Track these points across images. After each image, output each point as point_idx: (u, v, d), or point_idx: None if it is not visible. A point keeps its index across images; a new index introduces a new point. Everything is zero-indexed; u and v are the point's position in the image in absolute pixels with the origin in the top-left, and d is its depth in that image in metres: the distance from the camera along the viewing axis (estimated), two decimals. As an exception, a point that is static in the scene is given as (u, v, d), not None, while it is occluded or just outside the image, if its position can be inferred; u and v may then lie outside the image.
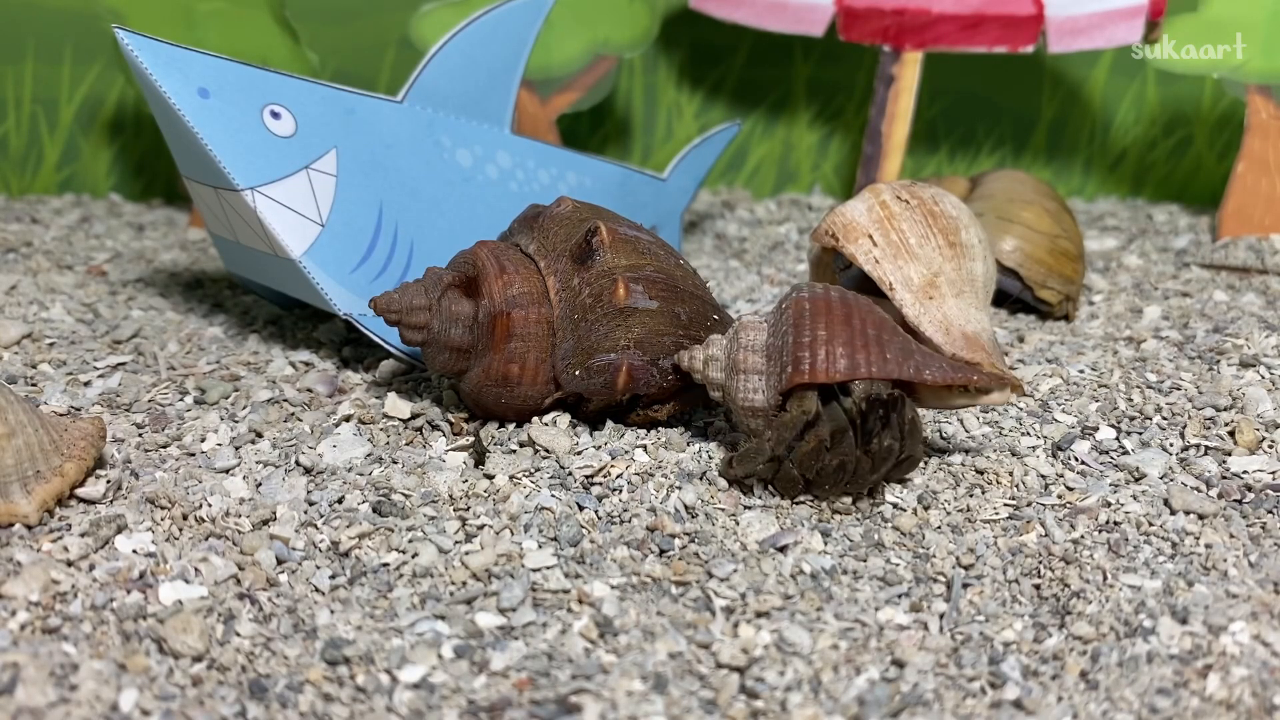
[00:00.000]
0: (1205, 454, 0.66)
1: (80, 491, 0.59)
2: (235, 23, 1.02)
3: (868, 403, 0.58)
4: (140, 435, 0.66)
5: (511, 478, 0.62)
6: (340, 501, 0.60)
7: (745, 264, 1.02)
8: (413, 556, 0.56)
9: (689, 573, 0.55)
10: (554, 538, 0.58)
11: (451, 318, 0.65)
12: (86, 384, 0.72)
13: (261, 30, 1.03)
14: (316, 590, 0.54)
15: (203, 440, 0.66)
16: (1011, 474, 0.64)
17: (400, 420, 0.68)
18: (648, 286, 0.65)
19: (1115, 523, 0.59)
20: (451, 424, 0.68)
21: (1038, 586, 0.56)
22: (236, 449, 0.65)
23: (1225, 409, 0.70)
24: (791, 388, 0.59)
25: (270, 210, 0.71)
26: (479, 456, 0.64)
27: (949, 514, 0.60)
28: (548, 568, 0.55)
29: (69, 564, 0.54)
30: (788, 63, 1.21)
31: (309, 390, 0.72)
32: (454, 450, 0.65)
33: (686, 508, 0.60)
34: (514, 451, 0.65)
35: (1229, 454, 0.66)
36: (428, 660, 0.50)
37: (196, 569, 0.55)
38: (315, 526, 0.58)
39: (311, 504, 0.60)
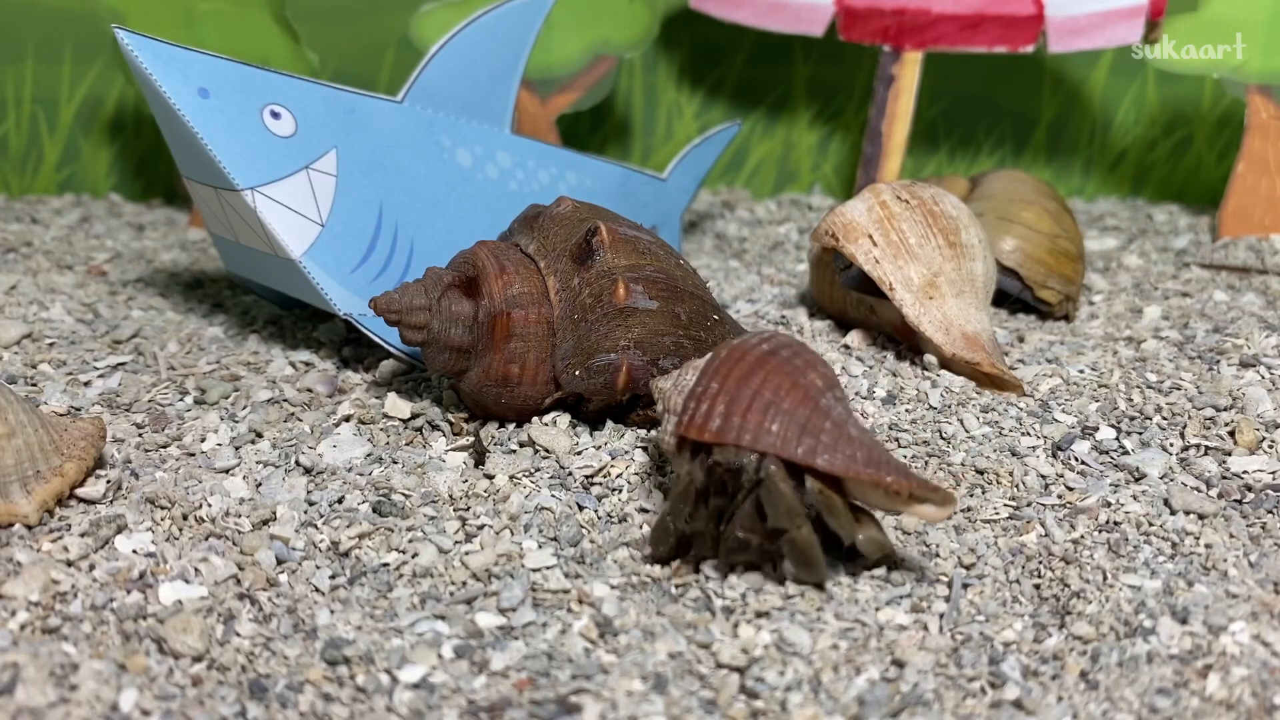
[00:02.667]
0: (1205, 454, 0.66)
1: (80, 491, 0.59)
2: (235, 23, 1.02)
3: (727, 473, 0.52)
4: (140, 435, 0.66)
5: (511, 478, 0.62)
6: (340, 501, 0.60)
7: (745, 264, 1.02)
8: (413, 556, 0.56)
9: (689, 573, 0.55)
10: (554, 538, 0.58)
11: (451, 318, 0.65)
12: (86, 384, 0.72)
13: (261, 30, 1.03)
14: (316, 590, 0.54)
15: (203, 440, 0.66)
16: (1012, 474, 0.64)
17: (400, 420, 0.68)
18: (648, 286, 0.65)
19: (1115, 523, 0.59)
20: (451, 424, 0.68)
21: (1038, 586, 0.56)
22: (236, 449, 0.65)
23: (1225, 409, 0.70)
24: (678, 438, 0.55)
25: (270, 210, 0.71)
26: (479, 456, 0.64)
27: (950, 514, 0.60)
28: (548, 568, 0.55)
29: (69, 564, 0.54)
30: (788, 63, 1.21)
31: (309, 390, 0.72)
32: (454, 450, 0.65)
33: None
34: (514, 451, 0.65)
35: (1229, 454, 0.66)
36: (428, 660, 0.50)
37: (196, 569, 0.55)
38: (315, 526, 0.58)
39: (311, 504, 0.60)
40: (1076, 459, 0.65)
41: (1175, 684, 0.49)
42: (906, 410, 0.70)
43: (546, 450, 0.65)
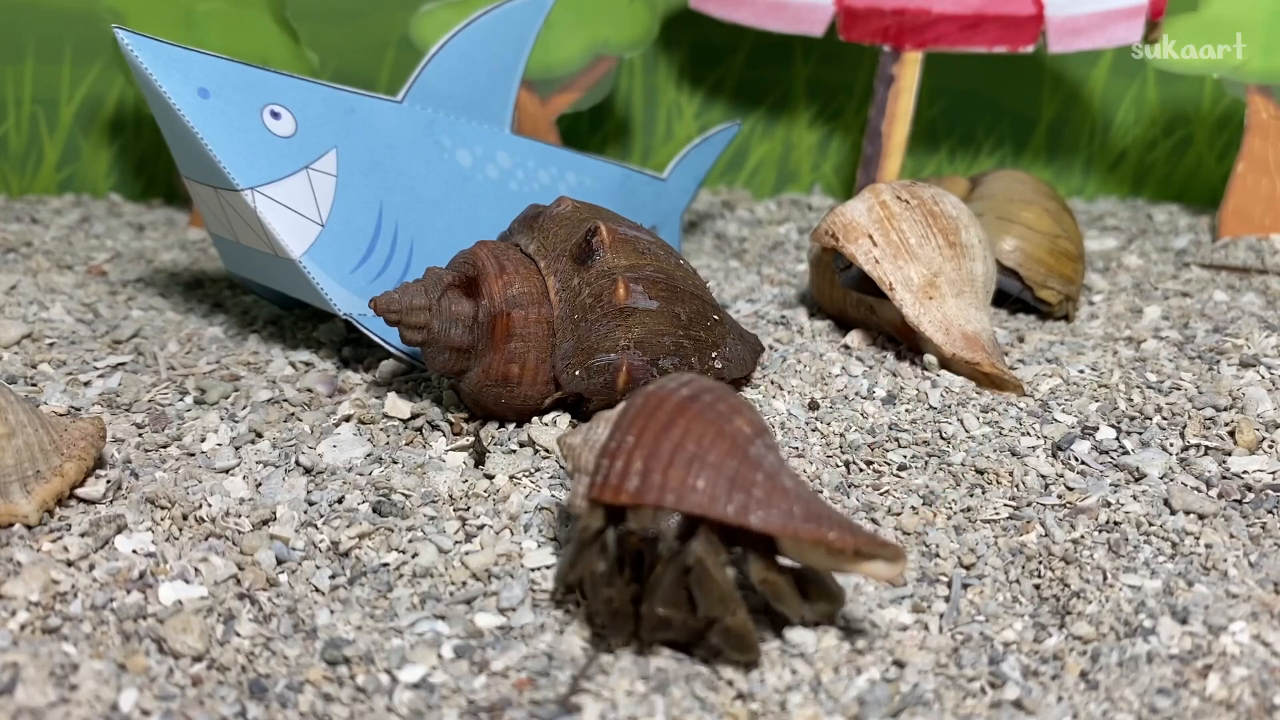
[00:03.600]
0: (1205, 454, 0.66)
1: (80, 491, 0.59)
2: (235, 23, 1.02)
3: (643, 543, 0.46)
4: (140, 435, 0.66)
5: (511, 478, 0.62)
6: (340, 501, 0.60)
7: (745, 264, 1.02)
8: (413, 556, 0.56)
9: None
10: (554, 538, 0.58)
11: (451, 318, 0.65)
12: (86, 384, 0.72)
13: (261, 30, 1.03)
14: (316, 590, 0.54)
15: (203, 440, 0.66)
16: (1011, 474, 0.64)
17: (400, 420, 0.68)
18: (648, 286, 0.65)
19: (1115, 523, 0.59)
20: (451, 424, 0.68)
21: (1038, 586, 0.56)
22: (236, 449, 0.65)
23: (1225, 409, 0.70)
24: (591, 501, 0.49)
25: (270, 210, 0.71)
26: (479, 456, 0.64)
27: (951, 514, 0.60)
28: (547, 567, 0.55)
29: (69, 564, 0.54)
30: (788, 63, 1.21)
31: (309, 390, 0.72)
32: (454, 450, 0.65)
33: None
34: (514, 451, 0.65)
35: (1229, 454, 0.66)
36: (428, 660, 0.50)
37: (196, 569, 0.55)
38: (315, 526, 0.58)
39: (311, 504, 0.60)
40: (1076, 459, 0.65)
41: (1175, 684, 0.49)
42: (906, 410, 0.70)
43: (546, 450, 0.65)
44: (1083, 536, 0.58)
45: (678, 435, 0.48)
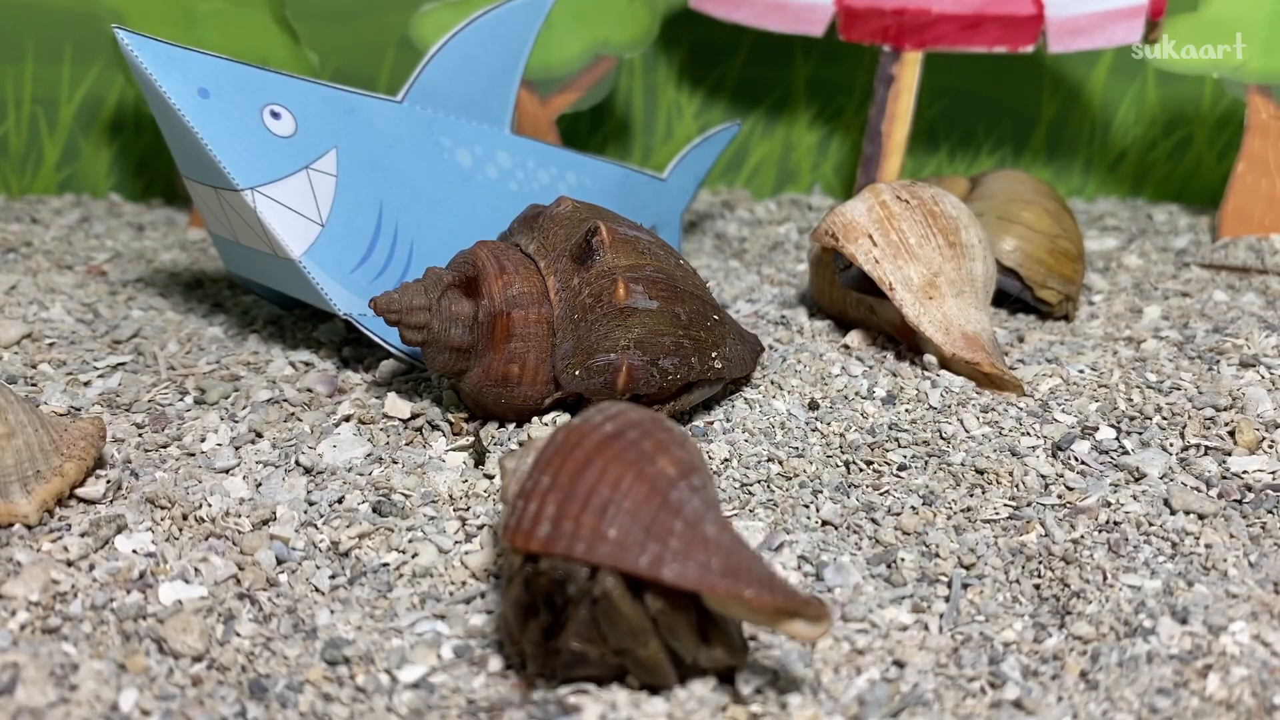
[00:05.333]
0: (1205, 454, 0.66)
1: (80, 491, 0.59)
2: (235, 22, 1.02)
3: (553, 585, 0.45)
4: (140, 435, 0.66)
5: (511, 478, 0.62)
6: (340, 501, 0.60)
7: (745, 264, 1.02)
8: (413, 556, 0.56)
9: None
10: (554, 538, 0.58)
11: (451, 318, 0.65)
12: (86, 384, 0.72)
13: (261, 30, 1.03)
14: (316, 590, 0.54)
15: (203, 440, 0.66)
16: (1011, 474, 0.64)
17: (400, 420, 0.68)
18: (648, 286, 0.65)
19: (1115, 523, 0.59)
20: (451, 424, 0.68)
21: (1038, 586, 0.56)
22: (236, 449, 0.65)
23: (1225, 409, 0.70)
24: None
25: (270, 210, 0.71)
26: (479, 456, 0.64)
27: (951, 514, 0.60)
28: (548, 568, 0.55)
29: (69, 564, 0.54)
30: (788, 63, 1.21)
31: (309, 390, 0.72)
32: (454, 450, 0.65)
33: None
34: (514, 452, 0.65)
35: (1229, 454, 0.66)
36: (427, 660, 0.50)
37: (196, 569, 0.55)
38: (315, 526, 0.58)
39: (311, 504, 0.60)
40: (1076, 459, 0.65)
41: (1175, 684, 0.49)
42: (906, 410, 0.70)
43: (546, 450, 0.65)
44: (1083, 536, 0.58)
45: (593, 477, 0.45)
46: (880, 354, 0.78)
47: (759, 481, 0.63)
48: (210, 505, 0.59)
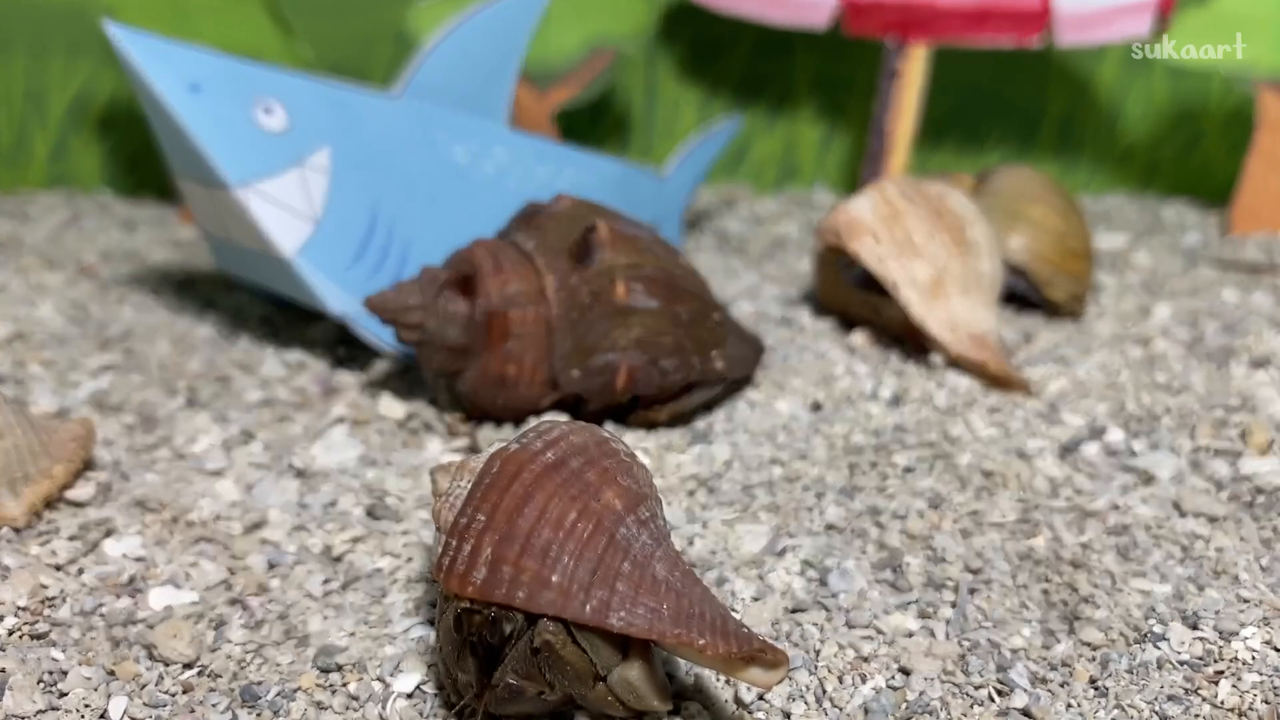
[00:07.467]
0: (1216, 456, 0.65)
1: (69, 494, 0.58)
2: (228, 17, 1.01)
3: (487, 625, 0.42)
4: (130, 437, 0.65)
5: (509, 480, 0.61)
6: (333, 504, 0.59)
7: (746, 262, 1.01)
8: (407, 561, 0.55)
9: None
10: (552, 541, 0.57)
11: (447, 317, 0.64)
12: (76, 384, 0.71)
13: (255, 24, 1.02)
14: (309, 595, 0.53)
15: (193, 442, 0.65)
16: (1019, 476, 0.63)
17: (395, 421, 0.67)
18: (648, 285, 0.64)
19: (1125, 526, 0.58)
20: (447, 425, 0.67)
21: (1046, 591, 0.55)
22: (227, 451, 0.64)
23: (1236, 410, 0.69)
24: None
25: (262, 207, 0.70)
26: (476, 458, 0.63)
27: (958, 518, 0.59)
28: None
29: (57, 568, 0.54)
30: (790, 57, 1.20)
31: (301, 391, 0.71)
32: (450, 452, 0.64)
33: (685, 513, 0.59)
34: (511, 453, 0.64)
35: (1240, 456, 0.65)
36: (421, 668, 0.49)
37: (187, 573, 0.54)
38: (307, 530, 0.57)
39: (304, 507, 0.59)
40: (1085, 461, 0.64)
41: (1186, 690, 0.48)
42: (912, 411, 0.69)
43: (544, 452, 0.64)
44: (1091, 540, 0.57)
45: (534, 515, 0.42)
46: (885, 353, 0.77)
47: (761, 484, 0.62)
48: (201, 508, 0.58)
